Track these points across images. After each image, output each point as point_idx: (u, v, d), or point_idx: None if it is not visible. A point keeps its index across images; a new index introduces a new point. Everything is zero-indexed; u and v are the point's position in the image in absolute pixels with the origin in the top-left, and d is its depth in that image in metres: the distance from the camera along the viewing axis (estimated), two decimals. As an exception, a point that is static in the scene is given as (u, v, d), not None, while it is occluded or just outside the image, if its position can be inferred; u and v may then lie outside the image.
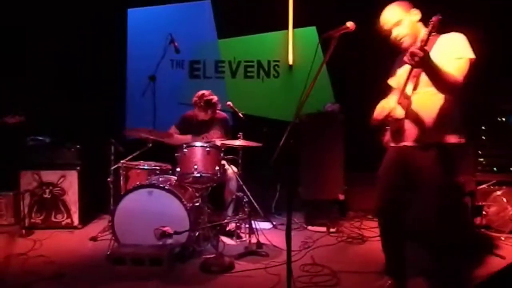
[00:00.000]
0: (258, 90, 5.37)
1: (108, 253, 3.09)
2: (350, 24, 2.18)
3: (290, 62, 5.30)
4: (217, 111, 4.17)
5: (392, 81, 2.58)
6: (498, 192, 3.78)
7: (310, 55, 5.21)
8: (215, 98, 4.06)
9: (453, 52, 2.22)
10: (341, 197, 4.25)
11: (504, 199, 3.75)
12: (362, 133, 4.33)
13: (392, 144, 2.48)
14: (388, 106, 2.41)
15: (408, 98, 2.34)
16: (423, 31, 2.24)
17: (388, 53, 2.59)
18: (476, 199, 3.85)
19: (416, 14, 2.38)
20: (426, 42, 2.05)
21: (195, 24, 5.39)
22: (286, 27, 5.26)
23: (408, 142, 2.37)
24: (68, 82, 5.01)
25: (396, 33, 2.37)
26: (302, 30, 5.24)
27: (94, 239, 3.68)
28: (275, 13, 5.20)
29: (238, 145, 3.64)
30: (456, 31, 2.29)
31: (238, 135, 3.68)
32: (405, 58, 2.08)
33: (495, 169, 3.85)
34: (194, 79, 5.45)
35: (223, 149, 3.61)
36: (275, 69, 5.37)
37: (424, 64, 2.07)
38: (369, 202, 4.01)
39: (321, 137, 4.28)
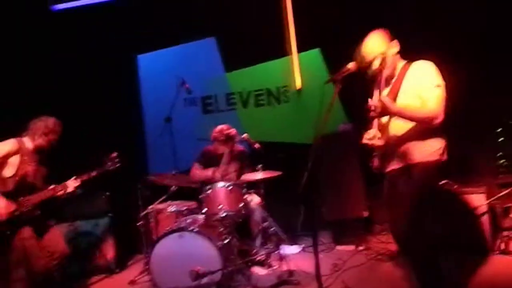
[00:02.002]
0: (270, 116, 5.50)
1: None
2: (351, 65, 2.29)
3: (298, 86, 5.40)
4: (235, 144, 4.31)
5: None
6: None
7: (317, 77, 5.33)
8: (234, 131, 4.21)
9: (431, 81, 2.30)
10: (365, 214, 4.30)
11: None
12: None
13: (382, 171, 2.58)
14: (373, 134, 2.49)
15: (383, 125, 2.45)
16: (400, 62, 2.39)
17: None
18: (504, 201, 3.84)
19: (395, 46, 2.42)
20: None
21: (203, 61, 5.59)
22: (290, 53, 5.37)
23: (393, 166, 2.49)
24: (85, 131, 5.17)
25: (378, 64, 2.40)
26: (306, 54, 5.35)
27: (132, 283, 3.84)
28: (278, 40, 5.33)
29: (260, 179, 3.75)
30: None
31: (257, 168, 3.79)
32: (370, 114, 2.31)
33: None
34: (207, 114, 5.65)
35: (244, 184, 3.74)
36: (285, 94, 5.48)
37: (386, 111, 2.26)
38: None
39: (337, 157, 4.36)
